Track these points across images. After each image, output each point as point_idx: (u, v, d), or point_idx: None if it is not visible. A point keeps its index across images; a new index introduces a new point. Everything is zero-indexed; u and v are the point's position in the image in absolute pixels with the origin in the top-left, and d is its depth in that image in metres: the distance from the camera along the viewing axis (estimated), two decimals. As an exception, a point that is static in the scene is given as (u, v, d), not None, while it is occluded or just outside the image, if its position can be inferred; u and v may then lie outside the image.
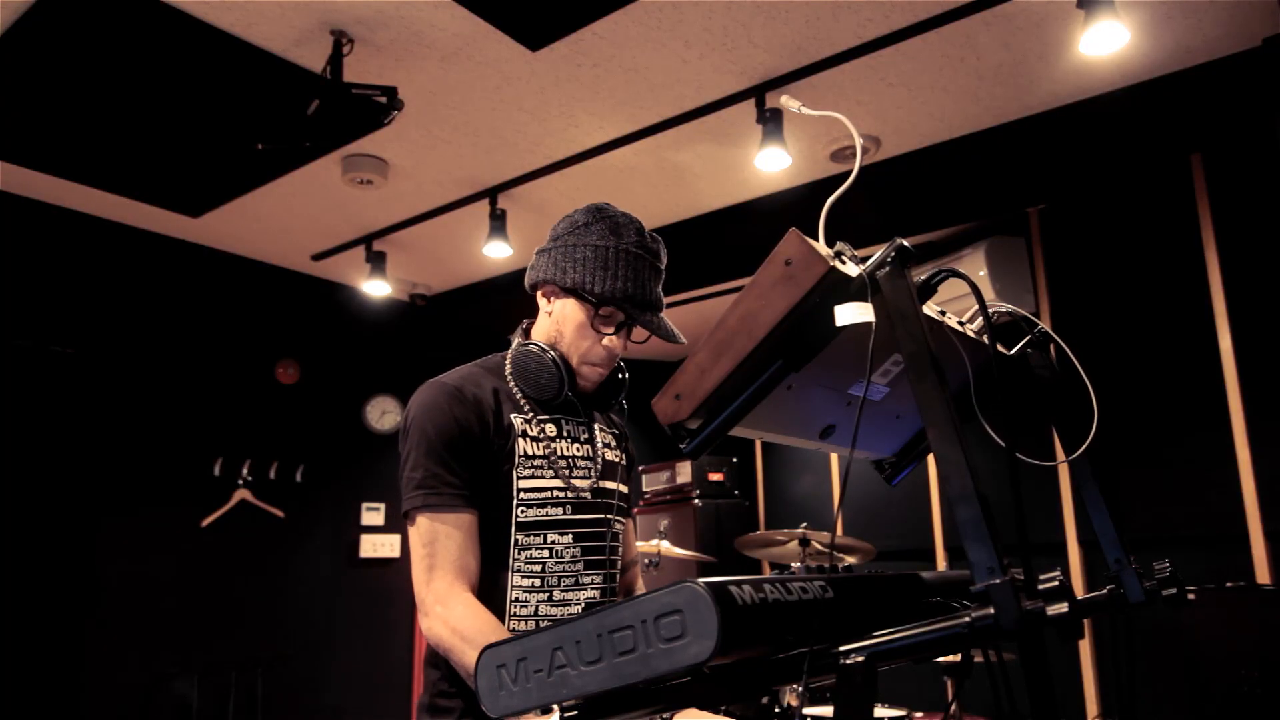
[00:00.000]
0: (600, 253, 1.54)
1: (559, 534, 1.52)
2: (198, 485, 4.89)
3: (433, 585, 1.43)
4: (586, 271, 1.54)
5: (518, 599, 1.48)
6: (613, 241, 1.55)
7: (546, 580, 1.50)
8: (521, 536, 1.49)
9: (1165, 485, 3.65)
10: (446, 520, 1.45)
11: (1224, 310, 3.55)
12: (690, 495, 5.50)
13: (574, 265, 1.56)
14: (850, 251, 0.95)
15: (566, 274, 1.56)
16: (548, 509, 1.51)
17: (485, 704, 0.87)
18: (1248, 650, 2.75)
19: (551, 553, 1.51)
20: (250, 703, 4.88)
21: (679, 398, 0.98)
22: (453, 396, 1.50)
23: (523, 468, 1.51)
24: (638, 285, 1.54)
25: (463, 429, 1.48)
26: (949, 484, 0.81)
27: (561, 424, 1.60)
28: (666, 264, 1.63)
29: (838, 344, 0.95)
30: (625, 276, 1.53)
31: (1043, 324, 1.20)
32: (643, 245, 1.57)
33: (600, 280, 1.53)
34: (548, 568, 1.50)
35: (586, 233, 1.57)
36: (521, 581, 1.49)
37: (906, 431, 1.30)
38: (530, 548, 1.49)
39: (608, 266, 1.53)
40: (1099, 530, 1.12)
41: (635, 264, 1.55)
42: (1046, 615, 0.76)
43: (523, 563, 1.49)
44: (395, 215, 4.65)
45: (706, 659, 0.71)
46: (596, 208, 1.59)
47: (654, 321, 1.57)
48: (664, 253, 1.62)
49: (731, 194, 4.46)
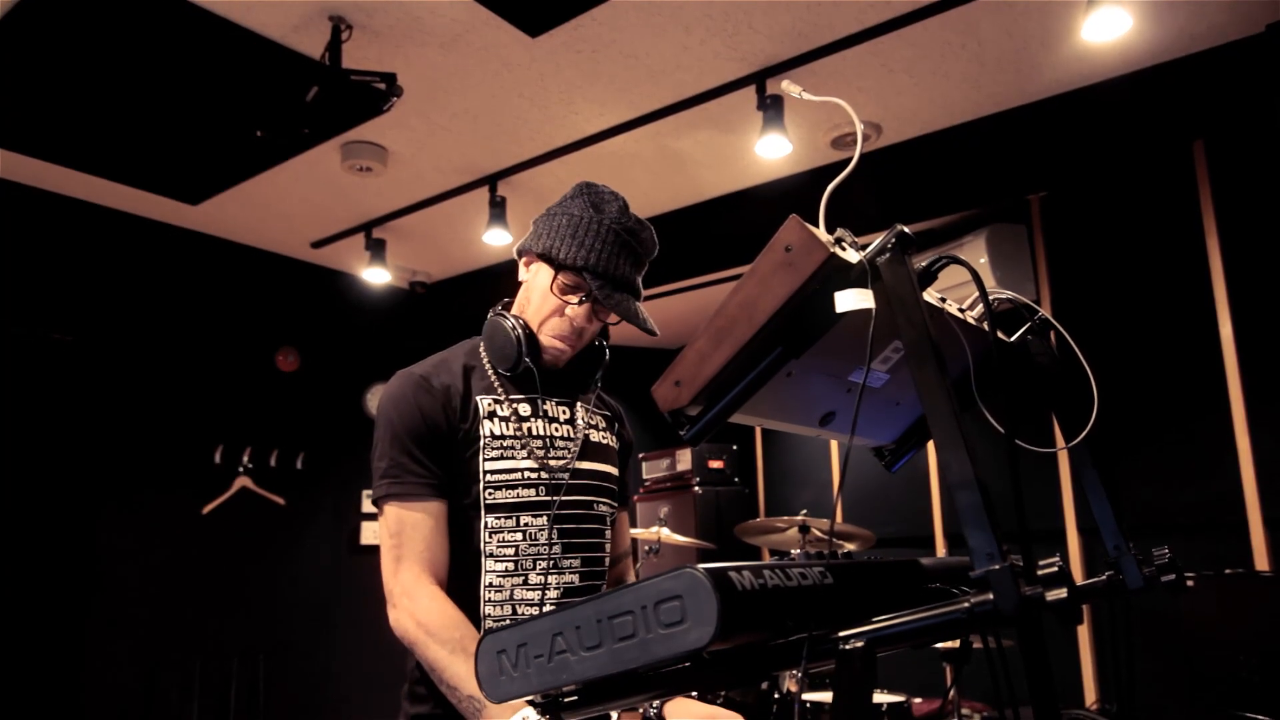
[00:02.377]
0: (575, 220, 1.52)
1: (532, 516, 1.49)
2: (198, 472, 4.90)
3: (400, 577, 1.43)
4: (558, 238, 1.53)
5: (492, 584, 1.47)
6: (590, 214, 1.52)
7: (521, 564, 1.48)
8: (492, 519, 1.47)
9: (1164, 473, 3.66)
10: (413, 509, 1.45)
11: (1225, 297, 3.55)
12: (690, 482, 5.51)
13: (549, 232, 1.55)
14: (851, 238, 0.95)
15: (540, 240, 1.55)
16: (518, 490, 1.49)
17: (485, 689, 0.88)
18: (1246, 637, 2.76)
19: (525, 535, 1.48)
20: (252, 689, 4.91)
21: (679, 384, 0.98)
22: (419, 386, 1.50)
23: (490, 449, 1.49)
24: (604, 259, 1.50)
25: (427, 419, 1.48)
26: (949, 470, 0.81)
27: (538, 403, 1.58)
28: (655, 254, 1.59)
29: (838, 331, 0.95)
30: (594, 249, 1.50)
31: (1043, 311, 1.20)
32: (622, 223, 1.53)
33: (567, 247, 1.51)
34: (521, 551, 1.48)
35: (570, 204, 1.56)
36: (495, 566, 1.47)
37: (906, 418, 1.29)
38: (502, 530, 1.48)
39: (577, 235, 1.51)
40: (1098, 517, 1.12)
41: (609, 238, 1.51)
42: (1046, 601, 0.76)
43: (495, 546, 1.47)
44: (395, 203, 4.64)
45: (706, 644, 0.71)
46: (586, 184, 1.58)
47: (616, 300, 1.50)
48: (649, 238, 1.58)
49: (732, 181, 4.45)
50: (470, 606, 1.46)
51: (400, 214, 4.74)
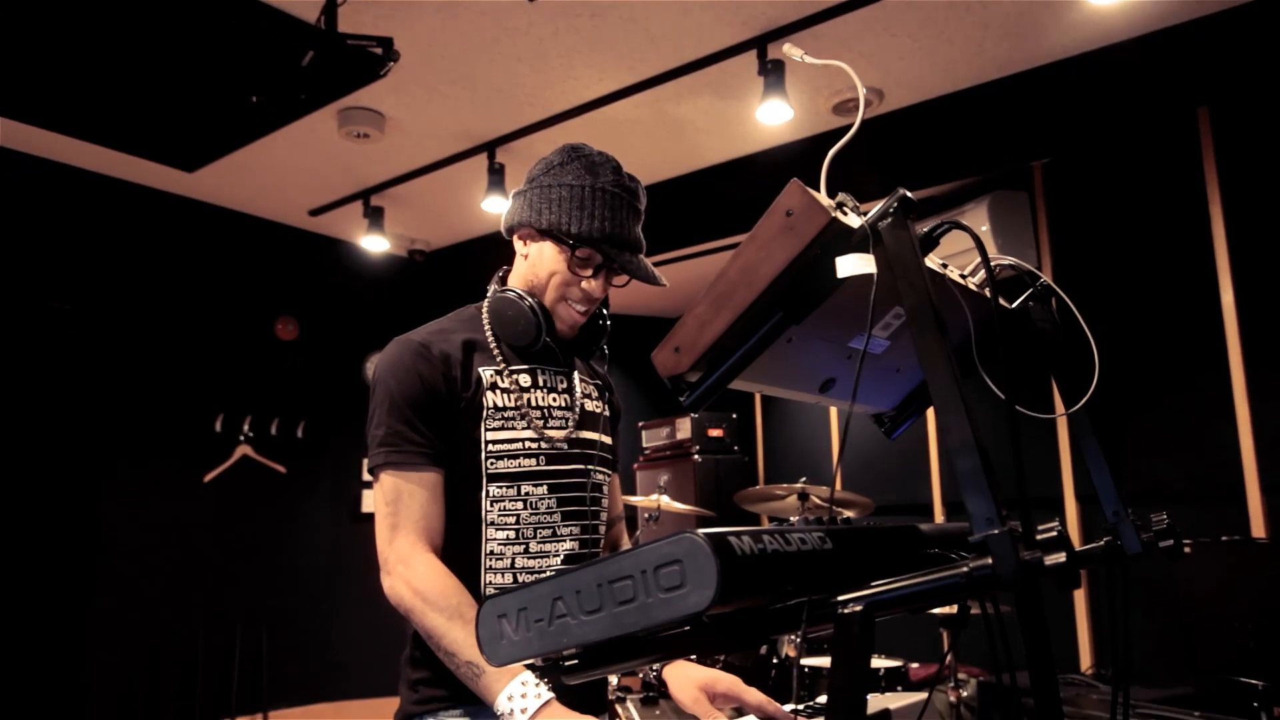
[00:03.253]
0: (576, 192, 1.49)
1: (533, 485, 1.50)
2: (199, 441, 4.91)
3: (395, 544, 1.43)
4: (563, 212, 1.50)
5: (493, 552, 1.47)
6: (589, 180, 1.50)
7: (522, 532, 1.48)
8: (494, 488, 1.48)
9: (1163, 441, 3.67)
10: (410, 478, 1.44)
11: (1227, 265, 3.53)
12: (690, 450, 5.53)
13: (549, 206, 1.51)
14: (852, 202, 0.94)
15: (542, 215, 1.52)
16: (519, 460, 1.49)
17: (486, 653, 0.88)
18: (1242, 603, 2.78)
19: (526, 504, 1.49)
20: (255, 655, 4.96)
21: (678, 350, 0.97)
22: (418, 353, 1.48)
23: (491, 420, 1.49)
24: (616, 225, 1.49)
25: (427, 386, 1.46)
26: (949, 435, 0.81)
27: (537, 373, 1.57)
28: (647, 206, 1.59)
29: (839, 296, 0.94)
30: (603, 216, 1.48)
31: (1045, 277, 1.19)
32: (620, 184, 1.51)
33: (577, 220, 1.49)
34: (522, 519, 1.49)
35: (562, 172, 1.52)
36: (496, 534, 1.48)
37: (906, 385, 1.29)
38: (504, 499, 1.48)
39: (584, 206, 1.49)
40: (1097, 483, 1.12)
41: (613, 203, 1.50)
42: (1044, 565, 0.77)
43: (496, 515, 1.48)
44: (393, 170, 4.61)
45: (705, 608, 0.71)
46: (572, 147, 1.55)
47: (634, 263, 1.51)
48: (643, 193, 1.57)
49: (732, 148, 4.42)
50: (471, 574, 1.47)
51: (398, 181, 4.71)
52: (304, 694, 5.21)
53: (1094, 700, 2.88)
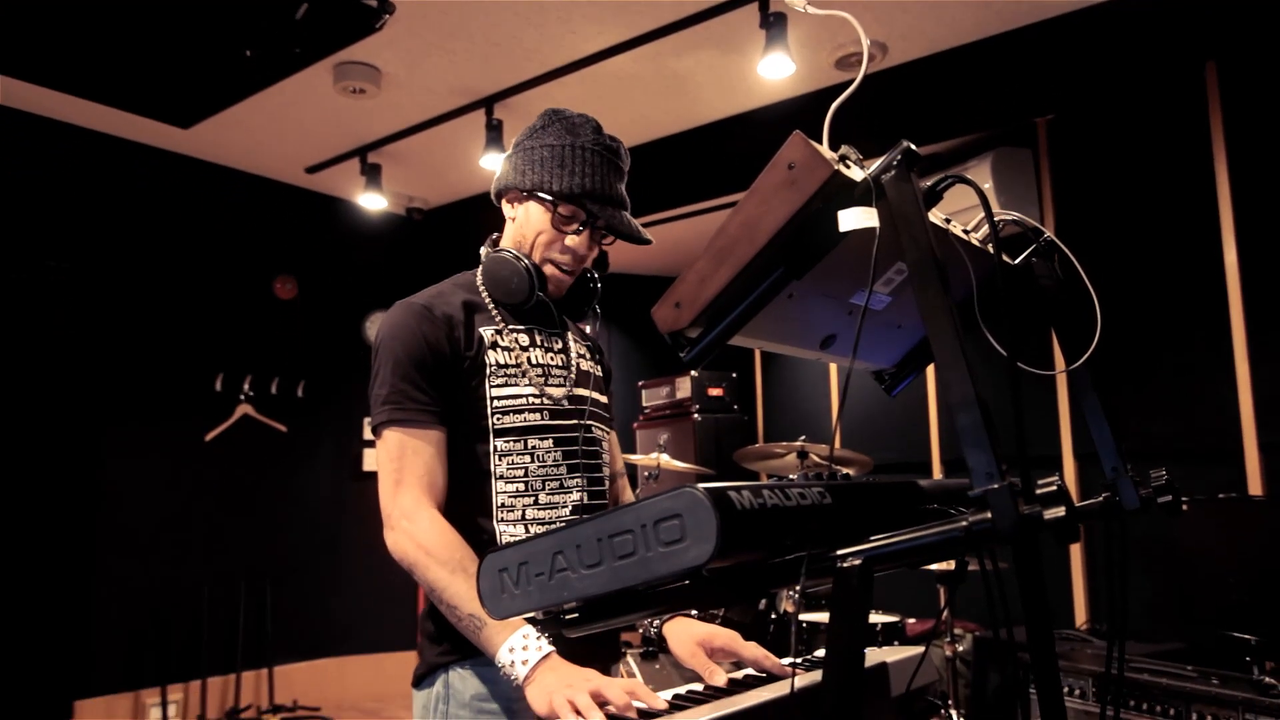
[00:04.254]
0: (557, 151, 1.53)
1: (539, 439, 1.53)
2: (200, 400, 4.92)
3: (399, 500, 1.45)
4: (545, 171, 1.54)
5: (504, 504, 1.50)
6: (569, 140, 1.54)
7: (531, 485, 1.51)
8: (501, 443, 1.51)
9: (1162, 400, 3.67)
10: (414, 435, 1.47)
11: (1230, 224, 3.51)
12: (689, 410, 5.54)
13: (532, 167, 1.55)
14: (855, 155, 0.92)
15: (525, 176, 1.56)
16: (524, 415, 1.52)
17: (488, 606, 0.89)
18: (1237, 560, 2.80)
19: (533, 457, 1.52)
20: (260, 611, 5.02)
21: (679, 306, 0.96)
22: (421, 315, 1.51)
23: (495, 377, 1.52)
24: (596, 181, 1.53)
25: (431, 347, 1.49)
26: (949, 390, 0.80)
27: (534, 333, 1.61)
28: (642, 165, 1.64)
29: (840, 251, 0.93)
30: (583, 173, 1.52)
31: (1048, 232, 1.18)
32: (600, 143, 1.55)
33: (558, 178, 1.52)
34: (530, 472, 1.52)
35: (544, 134, 1.56)
36: (506, 487, 1.50)
37: (907, 342, 1.29)
38: (511, 453, 1.51)
39: (564, 164, 1.53)
40: (1097, 440, 1.12)
41: (593, 160, 1.53)
42: (1044, 519, 0.77)
43: (505, 468, 1.50)
44: (390, 126, 4.56)
45: (705, 562, 0.72)
46: (553, 110, 1.59)
47: (617, 218, 1.55)
48: (625, 152, 1.60)
49: (733, 103, 4.37)
50: (482, 527, 1.49)
51: (395, 138, 4.67)
52: (308, 649, 5.28)
53: (1088, 654, 2.92)
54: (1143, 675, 2.57)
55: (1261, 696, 2.31)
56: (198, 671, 4.75)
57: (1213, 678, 2.46)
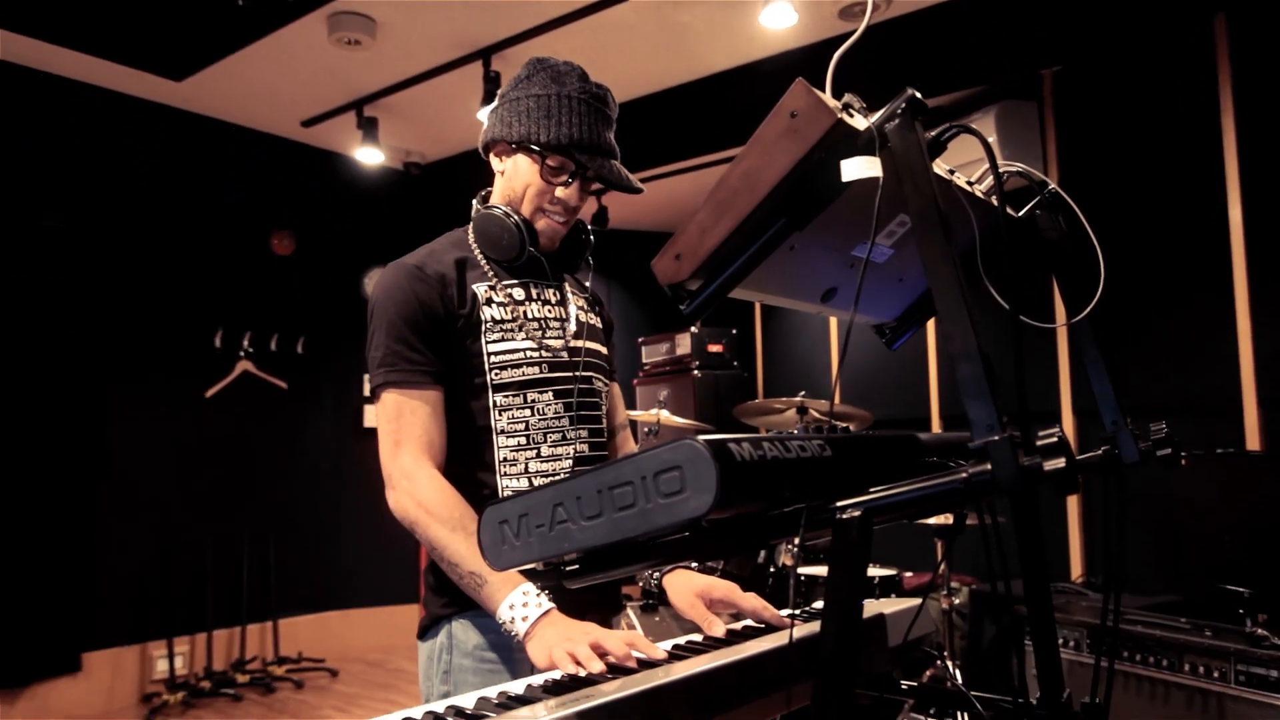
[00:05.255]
0: (543, 102, 1.51)
1: (538, 392, 1.53)
2: (199, 356, 4.93)
3: (399, 460, 1.46)
4: (531, 122, 1.51)
5: (506, 459, 1.51)
6: (555, 89, 1.51)
7: (532, 438, 1.52)
8: (500, 398, 1.51)
9: (1163, 355, 3.67)
10: (411, 396, 1.47)
11: (1236, 179, 3.47)
12: (689, 366, 5.54)
13: (518, 118, 1.53)
14: (859, 104, 0.91)
15: (512, 128, 1.53)
16: (523, 369, 1.52)
17: (488, 558, 0.89)
18: (1234, 514, 2.82)
19: (533, 410, 1.52)
20: (263, 566, 5.07)
21: (679, 258, 0.96)
22: (413, 275, 1.50)
23: (491, 333, 1.52)
24: (584, 131, 1.51)
25: (425, 307, 1.49)
26: (951, 341, 0.80)
27: (529, 287, 1.60)
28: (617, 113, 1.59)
29: (842, 203, 0.92)
30: (570, 123, 1.50)
31: (1053, 184, 1.17)
32: (586, 91, 1.53)
33: (545, 129, 1.50)
34: (532, 425, 1.52)
35: (529, 84, 1.54)
36: (508, 441, 1.51)
37: (909, 295, 1.28)
38: (511, 408, 1.51)
39: (551, 114, 1.50)
40: (1097, 392, 1.12)
41: (579, 110, 1.51)
42: (1044, 471, 0.77)
43: (506, 423, 1.51)
44: (386, 78, 4.50)
45: (705, 513, 0.72)
46: (537, 59, 1.56)
47: (606, 167, 1.53)
48: (612, 100, 1.58)
49: (735, 55, 4.30)
50: (485, 482, 1.50)
51: (392, 90, 4.60)
52: (312, 602, 5.35)
53: (1083, 607, 2.95)
54: (1136, 627, 2.61)
55: (1253, 648, 2.34)
56: (203, 625, 4.82)
57: (1206, 629, 2.49)
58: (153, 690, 4.57)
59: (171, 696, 4.43)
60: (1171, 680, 2.50)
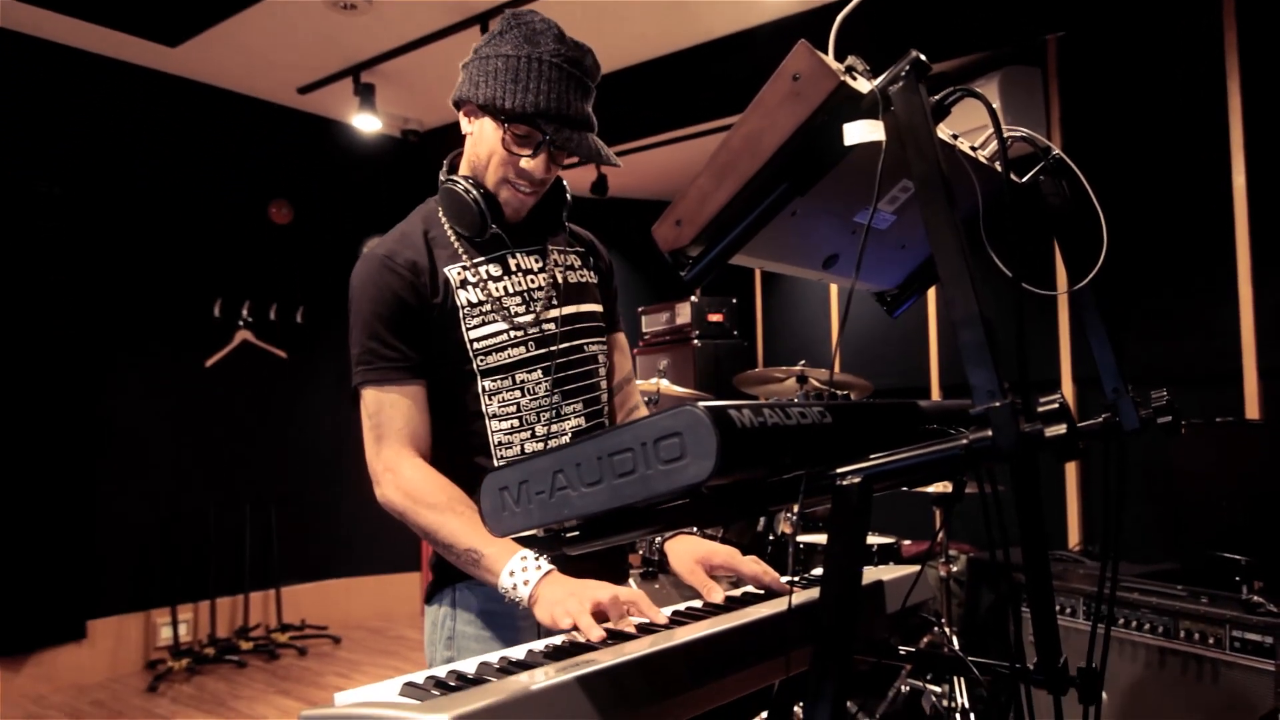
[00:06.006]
0: (512, 64, 1.41)
1: (526, 372, 1.49)
2: (198, 326, 4.92)
3: (382, 455, 1.44)
4: (498, 85, 1.41)
5: (501, 443, 1.48)
6: (526, 50, 1.41)
7: (525, 419, 1.49)
8: (489, 383, 1.48)
9: (1164, 323, 3.67)
10: (389, 392, 1.45)
11: (1241, 146, 3.45)
12: (689, 335, 5.54)
13: (486, 79, 1.43)
14: (862, 66, 0.90)
15: (479, 89, 1.44)
16: (507, 351, 1.48)
17: (489, 524, 0.89)
18: (1232, 482, 2.83)
19: (523, 391, 1.49)
20: (265, 534, 5.10)
21: (680, 224, 0.95)
22: (382, 267, 1.46)
23: (470, 319, 1.47)
24: (553, 99, 1.40)
25: (398, 299, 1.45)
26: (953, 307, 0.79)
27: (507, 259, 1.53)
28: (599, 77, 1.48)
29: (844, 168, 0.91)
30: (539, 90, 1.40)
31: (1057, 149, 1.15)
32: (561, 54, 1.41)
33: (511, 95, 1.40)
34: (523, 407, 1.49)
35: (500, 42, 1.43)
36: (501, 425, 1.48)
37: (910, 262, 1.27)
38: (500, 391, 1.48)
39: (519, 79, 1.40)
40: (1099, 359, 1.12)
41: (550, 75, 1.40)
42: (1045, 437, 0.77)
43: (496, 407, 1.48)
44: (383, 44, 4.45)
45: (704, 480, 0.72)
46: (514, 13, 1.46)
47: (575, 139, 1.42)
48: (591, 63, 1.46)
49: (734, 19, 4.25)
50: (483, 467, 1.48)
51: (389, 56, 4.55)
52: (314, 570, 5.39)
53: (1080, 574, 2.97)
54: (1133, 594, 2.62)
55: (1248, 615, 2.36)
56: (206, 593, 4.85)
57: (1202, 596, 2.51)
58: (157, 657, 4.61)
59: (176, 663, 4.47)
60: (1167, 646, 2.52)
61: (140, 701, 4.14)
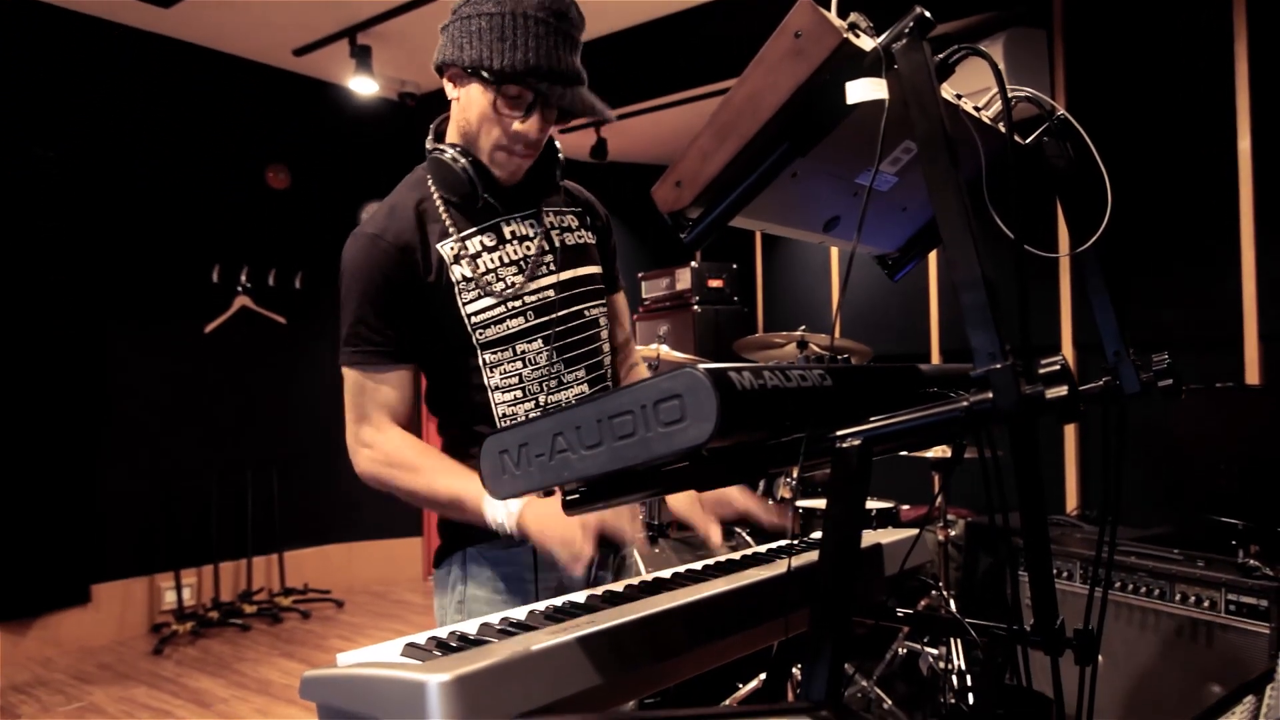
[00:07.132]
0: (496, 22, 1.35)
1: (527, 343, 1.48)
2: (197, 292, 4.90)
3: (360, 434, 1.48)
4: (484, 45, 1.36)
5: (505, 415, 1.48)
6: (509, 6, 1.35)
7: (528, 389, 1.48)
8: (489, 356, 1.47)
9: (1165, 288, 3.65)
10: (371, 376, 1.48)
11: (1247, 110, 3.41)
12: (690, 301, 5.52)
13: (470, 40, 1.37)
14: (865, 23, 0.88)
15: (464, 51, 1.38)
16: (506, 322, 1.47)
17: (489, 487, 0.89)
18: (1231, 447, 2.84)
19: (524, 362, 1.48)
20: (267, 499, 5.12)
21: (679, 185, 0.94)
22: (371, 245, 1.45)
23: (465, 293, 1.45)
24: (542, 55, 1.36)
25: (387, 279, 1.45)
26: (955, 269, 0.79)
27: (501, 227, 1.50)
28: (583, 30, 1.44)
29: (846, 128, 0.90)
30: (527, 46, 1.35)
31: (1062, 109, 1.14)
32: (545, 7, 1.36)
33: (499, 54, 1.35)
34: (525, 377, 1.48)
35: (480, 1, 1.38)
36: (504, 397, 1.48)
37: (912, 225, 1.26)
38: (501, 364, 1.47)
39: (505, 37, 1.35)
40: (1100, 322, 1.11)
41: (537, 31, 1.35)
42: (1046, 399, 0.76)
43: (498, 379, 1.47)
44: (378, 4, 4.39)
45: (704, 442, 0.71)
46: None
47: (568, 95, 1.39)
48: (576, 15, 1.42)
49: (736, -19, 4.18)
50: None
51: (385, 17, 4.49)
52: (316, 535, 5.42)
53: (1077, 539, 2.98)
54: (1130, 558, 2.64)
55: (1244, 578, 2.38)
56: (209, 557, 4.88)
57: (1198, 560, 2.53)
58: (161, 620, 4.66)
59: (180, 626, 4.52)
60: (1163, 609, 2.54)
61: (145, 664, 4.18)
